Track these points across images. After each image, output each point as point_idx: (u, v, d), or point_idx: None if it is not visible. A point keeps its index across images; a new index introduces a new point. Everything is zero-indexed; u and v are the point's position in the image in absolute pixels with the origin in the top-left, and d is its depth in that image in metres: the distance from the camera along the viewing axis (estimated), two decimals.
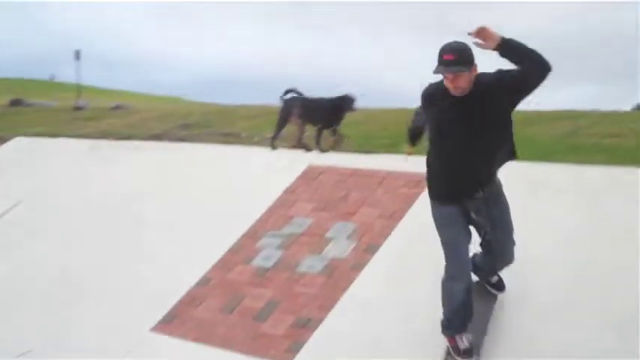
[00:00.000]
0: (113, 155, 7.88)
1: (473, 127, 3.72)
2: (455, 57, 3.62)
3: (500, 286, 4.47)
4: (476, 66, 3.69)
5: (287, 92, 7.52)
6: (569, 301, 4.28)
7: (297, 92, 7.52)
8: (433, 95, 3.86)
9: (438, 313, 4.31)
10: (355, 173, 6.17)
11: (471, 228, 4.04)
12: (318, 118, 7.37)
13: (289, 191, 6.19)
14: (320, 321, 4.68)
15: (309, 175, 6.35)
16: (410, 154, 4.47)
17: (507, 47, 3.57)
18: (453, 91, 3.69)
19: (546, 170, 5.83)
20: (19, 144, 9.55)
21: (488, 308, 4.37)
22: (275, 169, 6.60)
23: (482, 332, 4.18)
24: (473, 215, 3.97)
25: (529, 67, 3.56)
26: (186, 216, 6.25)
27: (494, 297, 4.45)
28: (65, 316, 5.35)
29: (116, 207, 6.70)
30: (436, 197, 4.04)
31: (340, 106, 7.30)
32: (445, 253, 4.00)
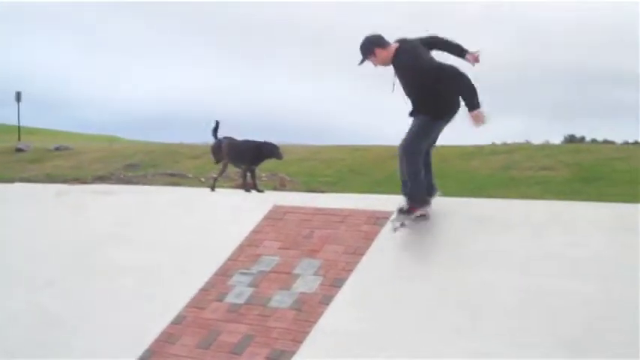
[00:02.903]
0: (78, 200, 8.04)
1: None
2: (361, 53, 5.73)
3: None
4: (377, 50, 5.65)
5: (216, 126, 8.19)
6: (519, 324, 4.71)
7: (217, 126, 8.17)
8: None
9: (402, 341, 4.75)
10: (318, 212, 6.52)
11: None
12: (242, 159, 8.01)
13: (256, 231, 6.50)
14: (293, 353, 4.99)
15: (275, 215, 6.67)
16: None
17: None
18: None
19: (493, 205, 6.32)
20: None
21: None
22: (241, 210, 6.91)
23: None
24: None
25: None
26: (156, 258, 6.47)
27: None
28: (46, 356, 5.55)
29: (86, 252, 6.86)
30: None
31: (266, 152, 7.92)
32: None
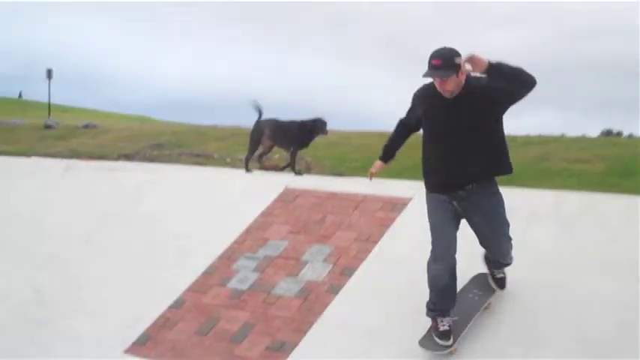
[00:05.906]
0: (87, 176, 7.76)
1: (461, 127, 4.06)
2: (441, 62, 3.94)
3: (501, 283, 4.62)
4: (464, 71, 3.97)
5: (257, 109, 7.56)
6: (541, 323, 4.31)
7: (260, 110, 7.56)
8: (426, 96, 4.19)
9: (413, 338, 4.33)
10: (332, 196, 6.14)
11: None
12: (290, 140, 7.41)
13: (266, 214, 6.15)
14: (295, 344, 4.66)
15: (286, 198, 6.31)
16: (373, 175, 4.56)
17: (494, 71, 3.89)
18: (443, 94, 4.04)
19: (523, 195, 5.86)
20: None
21: (483, 299, 4.52)
22: (251, 192, 6.56)
23: (467, 319, 4.35)
24: (455, 204, 4.23)
25: (516, 86, 3.91)
26: (161, 238, 6.17)
27: (492, 291, 4.58)
28: (37, 337, 5.24)
29: (88, 230, 6.59)
30: (430, 187, 4.35)
31: (311, 129, 7.33)
32: (432, 236, 4.27)
